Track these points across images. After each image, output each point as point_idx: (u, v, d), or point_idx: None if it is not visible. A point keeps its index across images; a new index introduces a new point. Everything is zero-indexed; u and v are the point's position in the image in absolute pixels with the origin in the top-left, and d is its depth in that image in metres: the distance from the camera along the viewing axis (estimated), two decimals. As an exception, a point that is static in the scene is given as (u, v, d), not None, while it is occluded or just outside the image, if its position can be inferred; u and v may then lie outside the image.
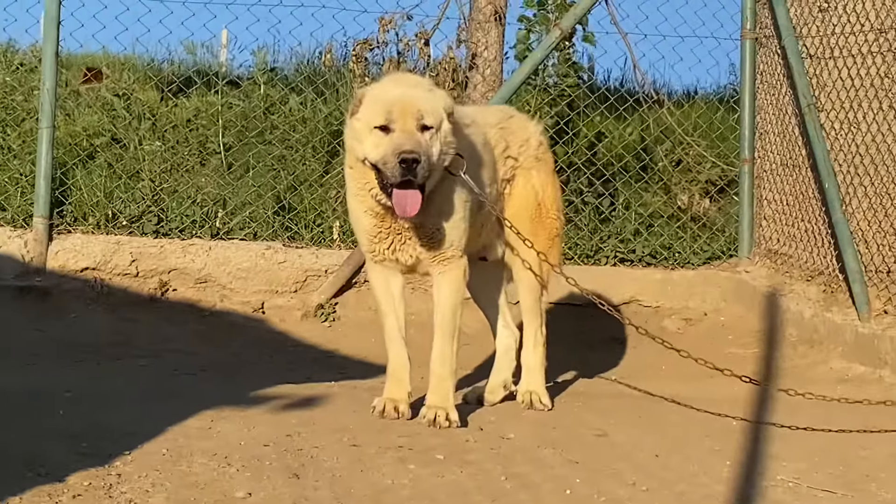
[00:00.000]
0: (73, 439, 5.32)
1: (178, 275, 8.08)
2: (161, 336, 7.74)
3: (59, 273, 7.95)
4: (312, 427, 5.69)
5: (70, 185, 8.19)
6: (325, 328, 8.05)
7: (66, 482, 4.75)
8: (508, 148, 6.28)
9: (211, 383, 6.73)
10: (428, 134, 5.63)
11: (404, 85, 5.76)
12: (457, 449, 5.45)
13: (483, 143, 6.09)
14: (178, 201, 8.30)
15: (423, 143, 5.59)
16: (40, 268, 7.93)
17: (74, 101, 9.25)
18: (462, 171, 5.81)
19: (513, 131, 6.34)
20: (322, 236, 8.38)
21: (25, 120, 8.64)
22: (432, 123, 5.64)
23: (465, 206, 5.86)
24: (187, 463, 5.07)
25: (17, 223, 8.03)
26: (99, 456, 5.09)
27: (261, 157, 8.58)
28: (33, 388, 6.25)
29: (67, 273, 7.95)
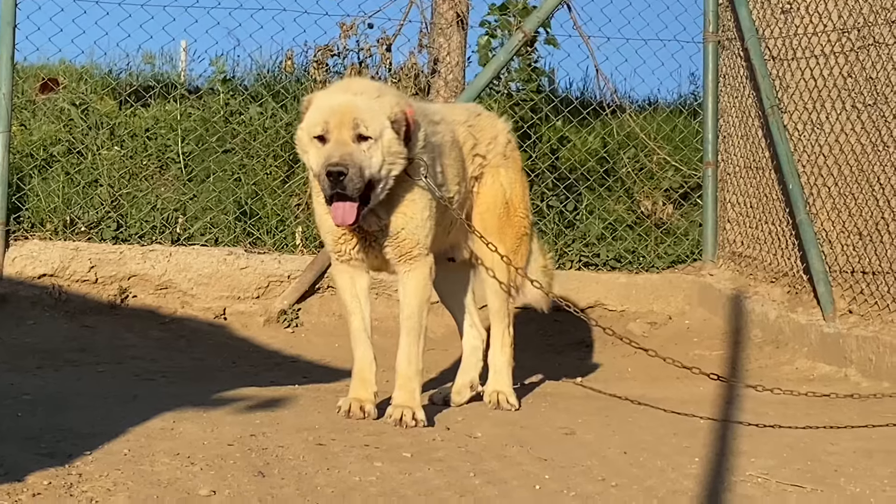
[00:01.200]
0: (31, 441, 5.22)
1: (138, 281, 7.98)
2: (121, 343, 7.64)
3: (15, 279, 7.83)
4: (277, 427, 5.61)
5: (27, 190, 8.08)
6: (288, 334, 7.97)
7: (25, 481, 4.66)
8: (477, 146, 6.22)
9: (173, 387, 6.63)
10: (366, 144, 5.52)
11: (349, 92, 5.62)
12: (424, 447, 5.38)
13: (451, 140, 6.03)
14: (137, 207, 8.20)
15: (356, 155, 5.48)
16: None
17: (30, 111, 9.14)
18: (423, 175, 5.73)
19: (481, 128, 6.28)
20: (285, 242, 8.30)
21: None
22: (371, 133, 5.52)
23: (430, 206, 5.79)
24: (149, 462, 4.98)
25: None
26: (58, 456, 5.00)
27: (221, 164, 8.50)
28: (-8, 393, 6.15)
29: (24, 279, 7.83)
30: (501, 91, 9.13)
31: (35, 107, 9.18)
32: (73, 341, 7.55)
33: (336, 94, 5.64)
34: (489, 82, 8.54)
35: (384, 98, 5.61)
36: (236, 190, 8.35)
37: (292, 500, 4.60)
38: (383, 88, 5.76)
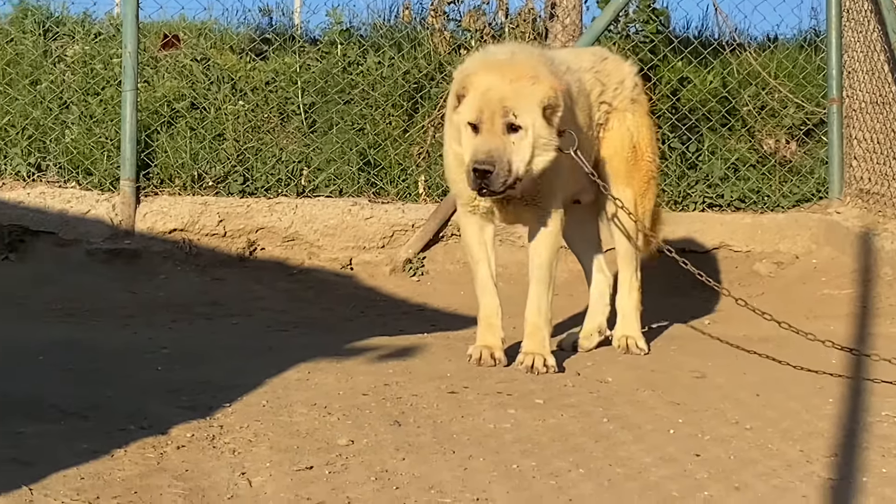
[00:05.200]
0: (172, 394, 5.35)
1: (266, 233, 8.10)
2: (251, 295, 7.76)
3: (147, 235, 7.99)
4: (409, 376, 5.68)
5: (155, 147, 8.23)
6: (413, 282, 8.04)
7: (168, 434, 4.78)
8: (604, 92, 6.19)
9: (305, 338, 6.74)
10: (516, 136, 5.50)
11: (506, 76, 5.52)
12: (556, 393, 5.42)
13: (579, 90, 6.00)
14: (262, 161, 8.30)
15: (504, 150, 5.46)
16: (129, 230, 7.97)
17: (153, 68, 9.27)
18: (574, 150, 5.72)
19: (608, 74, 6.24)
20: (407, 191, 8.35)
21: (106, 88, 8.68)
22: (522, 123, 5.49)
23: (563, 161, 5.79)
24: (288, 413, 5.08)
25: (105, 187, 8.08)
26: (199, 409, 5.12)
27: (343, 115, 8.56)
28: (129, 347, 6.30)
29: (156, 235, 7.99)
30: (620, 33, 9.05)
31: (158, 64, 9.30)
32: (204, 295, 7.69)
33: (492, 77, 5.55)
34: (608, 25, 8.48)
35: (539, 84, 5.54)
36: (358, 141, 8.41)
37: (429, 447, 4.66)
38: (540, 67, 5.65)
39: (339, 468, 4.44)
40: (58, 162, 8.13)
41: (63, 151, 8.12)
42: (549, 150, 5.57)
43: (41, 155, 8.13)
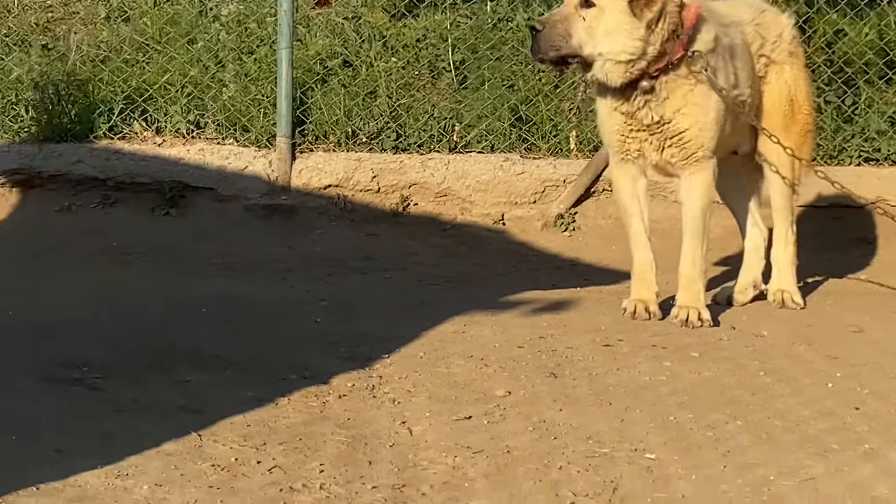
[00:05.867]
0: (331, 345, 5.47)
1: (419, 189, 8.17)
2: (404, 250, 7.85)
3: (303, 191, 8.12)
4: (564, 329, 5.72)
5: (310, 104, 8.34)
6: (565, 238, 8.05)
7: (329, 384, 4.89)
8: (763, 45, 6.14)
9: (458, 292, 6.81)
10: (588, 12, 5.57)
11: None
12: (711, 346, 5.41)
13: (742, 42, 5.98)
14: (415, 117, 8.37)
15: (563, 18, 5.56)
16: (285, 186, 8.10)
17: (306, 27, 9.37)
18: (703, 69, 5.71)
19: (767, 26, 6.20)
20: (559, 146, 8.35)
21: (259, 46, 8.80)
22: (598, 1, 5.53)
23: (717, 108, 5.77)
24: (445, 365, 5.16)
25: (261, 144, 8.22)
26: (358, 360, 5.23)
27: (494, 71, 8.58)
28: (288, 300, 6.43)
29: (311, 190, 8.11)
30: (774, -15, 8.91)
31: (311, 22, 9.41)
32: (358, 249, 7.80)
33: None
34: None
35: None
36: (510, 96, 8.43)
37: (585, 399, 4.71)
38: None
39: (497, 418, 4.51)
40: (216, 119, 8.29)
41: (221, 109, 8.28)
42: (625, 38, 5.58)
43: (200, 112, 8.31)
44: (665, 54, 5.69)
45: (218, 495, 3.73)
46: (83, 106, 8.18)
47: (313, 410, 4.60)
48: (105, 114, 8.17)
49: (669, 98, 5.75)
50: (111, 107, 8.19)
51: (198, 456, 4.06)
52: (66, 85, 8.21)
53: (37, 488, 3.67)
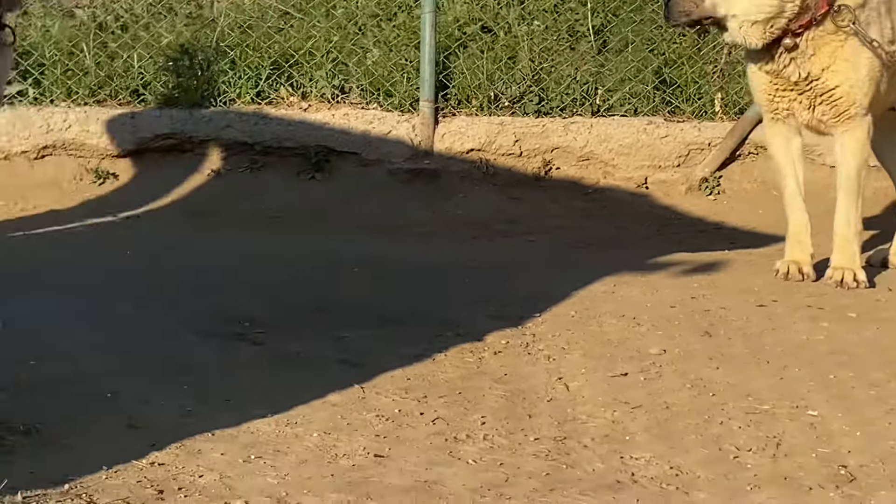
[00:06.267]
0: (481, 304, 5.52)
1: (561, 153, 8.18)
2: (546, 213, 7.87)
3: (445, 155, 8.18)
4: (716, 289, 5.71)
5: (452, 69, 8.39)
6: (709, 201, 8.01)
7: (484, 341, 4.95)
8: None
9: (603, 254, 6.82)
10: None
11: None
12: (869, 307, 5.36)
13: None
14: (557, 81, 8.37)
15: None
16: (428, 150, 8.17)
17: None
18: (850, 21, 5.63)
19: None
20: (703, 109, 8.30)
21: (398, 13, 8.87)
22: None
23: (870, 65, 5.68)
24: (597, 324, 5.18)
25: (405, 108, 8.29)
26: (509, 318, 5.27)
27: (637, 34, 8.55)
28: (435, 261, 6.50)
29: (454, 154, 8.16)
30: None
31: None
32: (501, 213, 7.84)
33: None
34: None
35: None
36: (653, 59, 8.40)
37: (741, 357, 4.70)
38: None
39: (653, 375, 4.52)
40: (360, 84, 8.38)
41: (365, 74, 8.37)
42: (767, 4, 5.54)
43: (344, 77, 8.40)
44: (808, 10, 5.62)
45: (385, 443, 3.80)
46: (231, 72, 8.32)
47: (470, 366, 4.66)
48: (252, 79, 8.31)
49: (816, 55, 5.68)
50: (258, 73, 8.32)
51: (362, 407, 4.14)
52: (215, 51, 8.36)
53: (212, 434, 3.78)
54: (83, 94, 8.26)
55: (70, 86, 8.27)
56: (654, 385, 4.42)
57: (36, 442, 3.62)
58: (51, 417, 3.81)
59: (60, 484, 3.28)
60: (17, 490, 3.14)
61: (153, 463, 3.52)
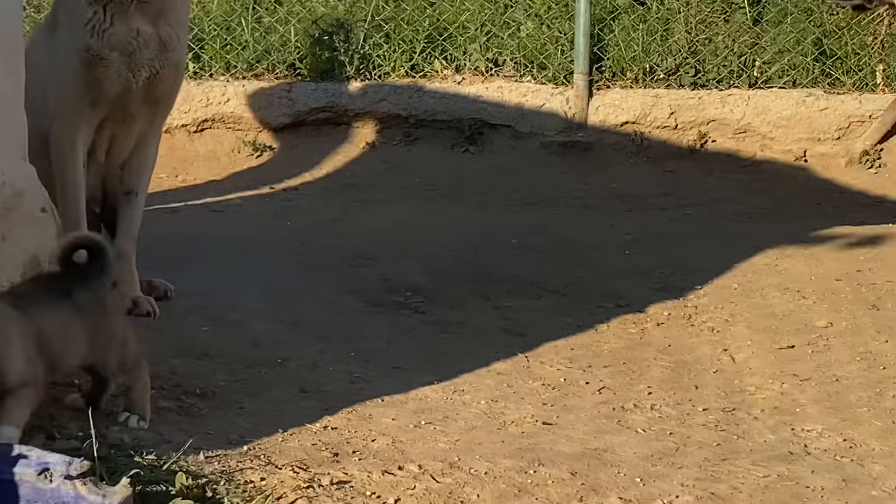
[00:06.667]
0: (642, 276, 5.50)
1: (717, 126, 8.07)
2: (702, 186, 7.78)
3: (599, 128, 8.13)
4: (882, 262, 5.61)
5: (606, 41, 8.33)
6: (870, 175, 7.84)
7: (646, 312, 4.94)
8: None
9: (762, 227, 6.72)
10: None
11: None
12: None
13: None
14: (713, 52, 8.27)
15: None
16: (582, 123, 8.13)
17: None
18: None
19: None
20: (864, 81, 8.12)
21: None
22: None
23: None
24: (760, 296, 5.13)
25: (558, 81, 8.26)
26: (671, 290, 5.25)
27: (797, 4, 8.39)
28: (592, 233, 6.48)
29: (608, 127, 8.11)
30: None
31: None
32: (656, 186, 7.78)
33: None
34: None
35: None
36: (812, 30, 8.24)
37: (912, 332, 4.61)
38: None
39: (821, 348, 4.47)
40: (514, 57, 8.37)
41: (518, 47, 8.36)
42: None
43: (498, 50, 8.40)
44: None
45: (553, 411, 3.81)
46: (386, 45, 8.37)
47: (633, 337, 4.65)
48: (407, 53, 8.35)
49: None
50: (413, 46, 8.36)
51: (527, 375, 4.16)
52: (369, 25, 8.42)
53: (382, 400, 3.83)
54: (241, 69, 8.39)
55: (228, 60, 8.41)
56: (823, 358, 4.37)
57: (212, 404, 3.70)
58: (225, 381, 3.89)
59: (239, 445, 3.35)
60: (200, 450, 3.21)
61: (326, 427, 3.58)
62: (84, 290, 3.30)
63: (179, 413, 3.60)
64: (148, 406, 3.45)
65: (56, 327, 3.19)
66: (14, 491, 2.74)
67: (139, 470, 2.93)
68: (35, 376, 3.09)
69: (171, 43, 4.51)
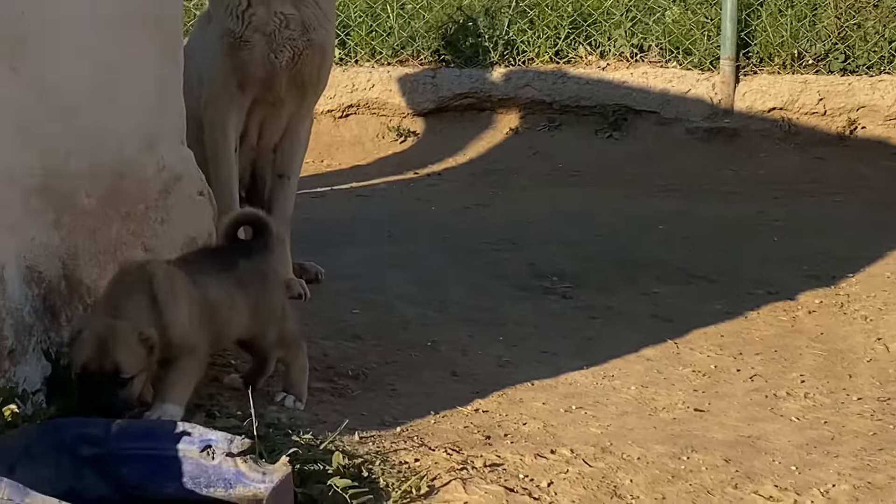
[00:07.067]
0: (792, 262, 5.43)
1: (867, 112, 7.92)
2: (852, 173, 7.64)
3: (745, 114, 8.02)
4: None
5: (754, 26, 8.22)
6: None
7: (797, 300, 4.88)
8: None
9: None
10: None
11: None
12: None
13: None
14: (863, 38, 8.11)
15: None
16: (728, 109, 8.04)
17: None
18: None
19: None
20: None
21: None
22: None
23: None
24: (918, 286, 5.03)
25: (704, 67, 8.17)
26: (822, 278, 5.17)
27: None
28: (740, 219, 6.41)
29: (755, 113, 8.01)
30: None
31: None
32: (805, 173, 7.66)
33: None
34: None
35: None
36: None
37: None
38: None
39: (982, 337, 4.37)
40: (659, 42, 8.31)
41: (664, 32, 8.29)
42: None
43: (643, 36, 8.34)
44: None
45: (704, 398, 3.79)
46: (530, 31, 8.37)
47: (784, 324, 4.60)
48: (551, 39, 8.34)
49: None
50: (557, 32, 8.34)
51: (677, 362, 4.13)
52: (514, 11, 8.42)
53: (531, 384, 3.84)
54: (386, 55, 8.45)
55: (373, 46, 8.48)
56: (984, 347, 4.27)
57: (364, 386, 3.75)
58: (377, 363, 3.94)
59: (392, 426, 3.39)
60: (354, 430, 3.26)
61: (477, 410, 3.60)
62: (247, 263, 3.37)
63: (333, 394, 3.65)
64: (305, 387, 3.50)
65: (221, 296, 3.26)
66: (178, 467, 2.81)
67: (297, 449, 2.98)
68: (200, 343, 3.15)
69: (313, 24, 4.56)
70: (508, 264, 5.27)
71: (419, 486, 2.99)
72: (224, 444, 2.80)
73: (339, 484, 2.87)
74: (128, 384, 2.99)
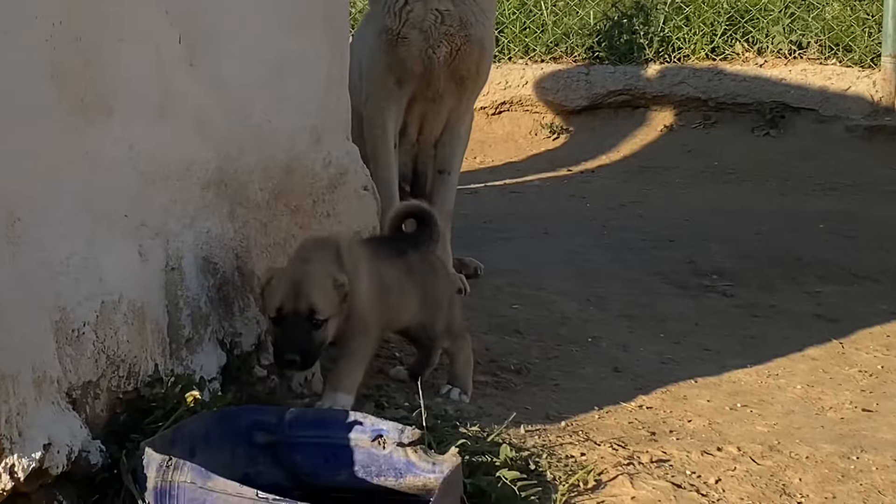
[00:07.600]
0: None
1: None
2: None
3: (904, 112, 7.88)
4: None
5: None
6: None
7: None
8: None
9: None
10: None
11: None
12: None
13: None
14: None
15: None
16: (889, 107, 7.88)
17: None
18: None
19: None
20: None
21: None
22: None
23: None
24: None
25: (865, 63, 8.03)
26: None
27: None
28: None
29: (917, 113, 7.86)
30: None
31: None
32: None
33: None
34: None
35: None
36: None
37: None
38: None
39: None
40: (818, 39, 8.18)
41: (823, 29, 8.16)
42: None
43: (802, 33, 8.22)
44: None
45: (872, 398, 3.74)
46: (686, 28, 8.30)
47: (954, 326, 4.50)
48: (707, 35, 8.26)
49: None
50: (713, 28, 8.27)
51: (843, 361, 4.07)
52: (669, 7, 8.37)
53: (695, 381, 3.82)
54: (539, 52, 8.46)
55: (527, 43, 8.49)
56: None
57: (527, 380, 3.77)
58: (539, 358, 3.95)
59: (557, 420, 3.40)
60: (520, 424, 3.27)
61: (641, 406, 3.59)
62: (415, 252, 3.42)
63: (496, 388, 3.67)
64: (470, 380, 3.53)
65: (393, 279, 3.30)
66: (350, 455, 2.85)
67: (465, 440, 3.00)
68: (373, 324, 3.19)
69: (470, 20, 4.59)
70: (667, 261, 5.24)
71: (586, 479, 3.00)
72: (395, 434, 2.83)
73: (508, 476, 2.89)
74: (322, 326, 3.04)
